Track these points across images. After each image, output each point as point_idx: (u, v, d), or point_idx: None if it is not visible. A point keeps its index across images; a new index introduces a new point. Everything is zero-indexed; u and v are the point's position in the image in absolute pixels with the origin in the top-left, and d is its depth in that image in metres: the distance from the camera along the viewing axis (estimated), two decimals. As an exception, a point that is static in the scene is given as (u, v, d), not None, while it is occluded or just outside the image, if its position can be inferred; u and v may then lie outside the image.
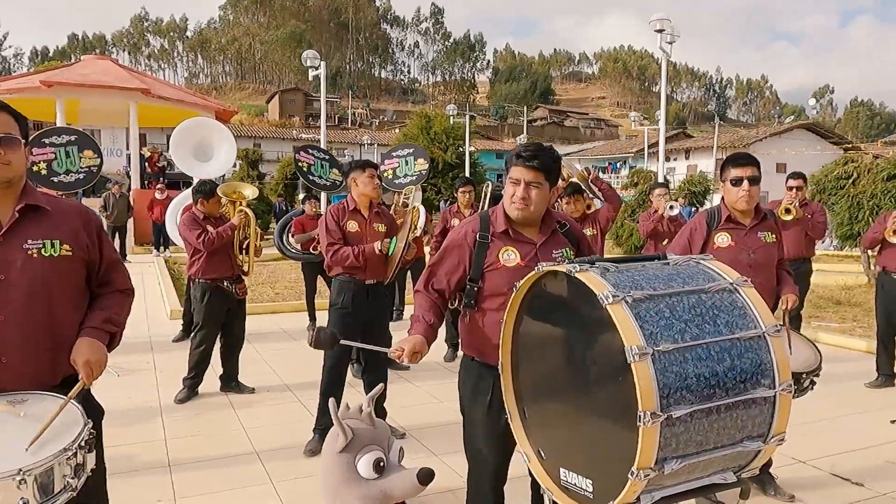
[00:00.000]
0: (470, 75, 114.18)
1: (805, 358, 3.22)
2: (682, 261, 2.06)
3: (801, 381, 3.16)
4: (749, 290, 1.95)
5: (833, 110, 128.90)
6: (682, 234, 3.39)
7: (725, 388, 1.78)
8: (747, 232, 3.32)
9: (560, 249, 2.46)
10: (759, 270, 3.28)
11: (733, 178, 3.25)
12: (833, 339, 7.33)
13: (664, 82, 11.86)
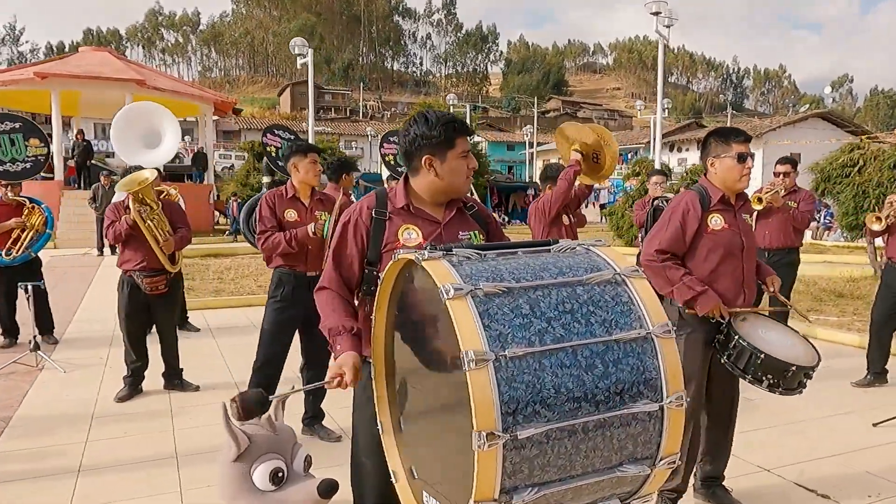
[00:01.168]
0: (483, 67, 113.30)
1: (805, 351, 2.88)
2: (567, 247, 1.73)
3: (809, 374, 2.83)
4: (639, 281, 1.62)
5: (853, 99, 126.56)
6: (672, 218, 3.00)
7: (595, 401, 1.46)
8: (736, 214, 3.03)
9: (468, 231, 2.17)
10: (749, 253, 3.04)
11: (738, 154, 2.93)
12: (827, 333, 6.95)
13: (661, 67, 11.45)
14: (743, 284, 2.97)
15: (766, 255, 5.71)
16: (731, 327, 2.83)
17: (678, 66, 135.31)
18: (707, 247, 2.93)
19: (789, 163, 5.73)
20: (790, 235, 5.66)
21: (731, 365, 2.82)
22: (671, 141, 44.11)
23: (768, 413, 4.52)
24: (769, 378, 2.72)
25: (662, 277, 2.93)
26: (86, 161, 18.14)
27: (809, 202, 5.69)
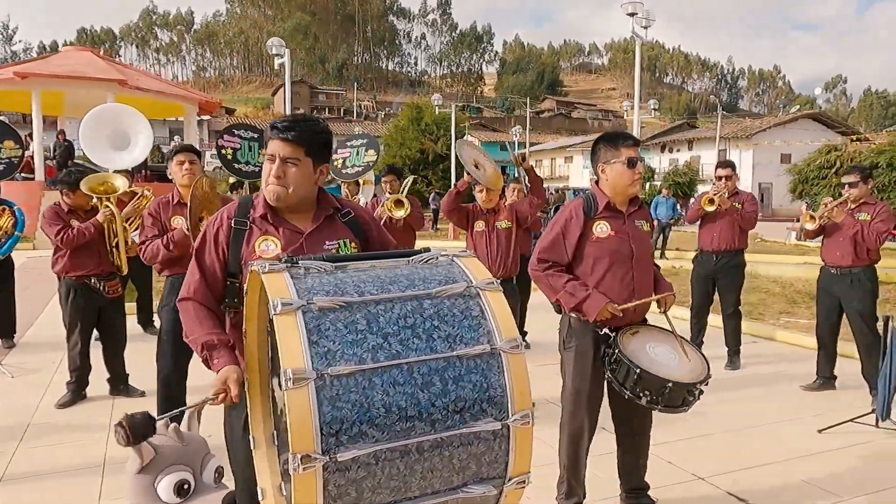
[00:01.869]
0: (477, 67, 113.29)
1: (692, 367, 2.82)
2: (430, 257, 1.68)
3: (693, 392, 2.78)
4: (494, 294, 1.57)
5: (847, 100, 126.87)
6: (554, 226, 2.99)
7: (431, 420, 1.41)
8: (625, 220, 2.96)
9: (336, 240, 2.07)
10: (640, 262, 2.96)
11: (628, 159, 2.87)
12: (787, 336, 6.91)
13: (638, 67, 11.41)
14: (633, 293, 2.90)
15: (714, 257, 5.68)
16: (616, 339, 2.77)
17: (673, 67, 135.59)
18: (593, 255, 2.88)
19: (729, 166, 5.74)
20: (737, 237, 5.65)
21: (613, 379, 2.76)
22: (662, 141, 44.17)
23: (715, 419, 4.47)
24: (647, 394, 2.66)
25: (546, 285, 2.91)
26: (67, 161, 18.02)
27: (753, 203, 5.68)
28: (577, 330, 2.93)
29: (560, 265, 2.92)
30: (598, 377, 2.89)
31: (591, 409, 2.95)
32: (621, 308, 2.82)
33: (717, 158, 38.29)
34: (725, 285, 5.73)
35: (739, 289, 5.79)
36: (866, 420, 4.15)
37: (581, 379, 2.93)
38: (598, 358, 2.89)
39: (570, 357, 2.98)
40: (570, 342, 2.97)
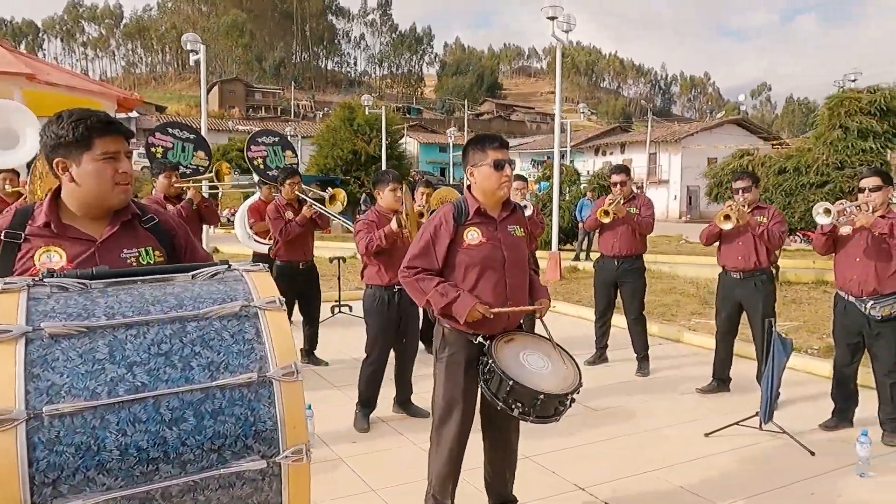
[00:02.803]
0: (417, 68, 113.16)
1: (565, 376, 2.74)
2: (216, 272, 1.51)
3: (564, 401, 2.69)
4: (275, 315, 1.41)
5: (772, 107, 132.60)
6: (424, 232, 2.87)
7: (182, 461, 1.24)
8: (497, 226, 2.86)
9: (137, 249, 1.86)
10: (513, 268, 2.86)
11: (495, 161, 2.77)
12: (693, 338, 7.00)
13: (559, 70, 11.47)
14: (507, 300, 2.82)
15: (615, 262, 5.69)
16: (490, 349, 2.67)
17: (609, 72, 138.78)
18: (464, 262, 2.78)
19: (623, 171, 5.73)
20: (636, 242, 5.66)
21: (487, 389, 2.66)
22: (596, 145, 45.05)
23: (607, 424, 4.45)
24: (519, 406, 2.58)
25: (416, 290, 2.81)
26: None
27: (649, 207, 5.69)
28: (450, 339, 2.84)
29: (430, 272, 2.82)
30: (471, 388, 2.79)
31: (462, 420, 2.85)
32: (493, 312, 2.73)
33: (648, 162, 39.46)
34: (627, 291, 5.74)
35: (642, 293, 5.80)
36: (751, 423, 4.19)
37: (453, 389, 2.82)
38: (472, 368, 2.79)
39: (441, 367, 2.87)
40: (443, 352, 2.86)
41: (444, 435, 2.86)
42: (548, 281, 11.47)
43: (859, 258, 4.14)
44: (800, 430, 4.31)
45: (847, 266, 4.21)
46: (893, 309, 4.05)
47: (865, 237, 4.12)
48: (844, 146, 10.39)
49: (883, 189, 4.09)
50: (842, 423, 4.37)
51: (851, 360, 4.29)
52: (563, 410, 2.71)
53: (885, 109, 10.32)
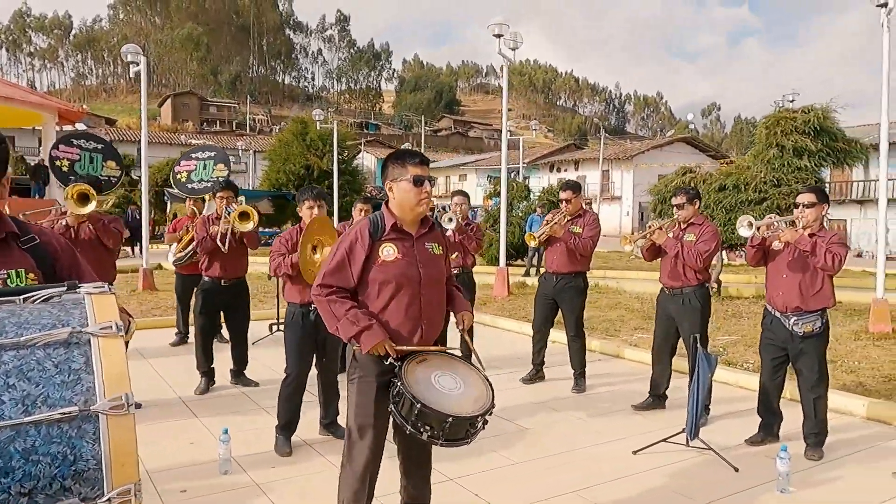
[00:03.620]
0: (376, 84, 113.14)
1: (477, 397, 2.66)
2: (54, 294, 1.39)
3: (475, 423, 2.60)
4: (110, 342, 1.29)
5: (721, 126, 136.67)
6: (339, 248, 2.77)
7: (-17, 507, 1.11)
8: (414, 243, 2.78)
9: (7, 270, 1.71)
10: (429, 286, 2.78)
11: (414, 177, 2.70)
12: (634, 353, 7.03)
13: (505, 88, 11.55)
14: (421, 320, 2.74)
15: (555, 278, 5.68)
16: (400, 370, 2.59)
17: (566, 90, 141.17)
18: (379, 280, 2.70)
19: (570, 188, 5.71)
20: (576, 261, 5.64)
21: (397, 413, 2.57)
22: (551, 161, 45.68)
23: (537, 443, 4.39)
24: (428, 429, 2.49)
25: (328, 313, 2.70)
26: None
27: (592, 228, 5.66)
28: (361, 360, 2.73)
29: (345, 290, 2.72)
30: (383, 410, 2.69)
31: (374, 444, 2.75)
32: (399, 350, 2.65)
33: (601, 179, 40.15)
34: (566, 308, 5.73)
35: (580, 311, 5.78)
36: (678, 440, 4.18)
37: (364, 412, 2.73)
38: (383, 389, 2.69)
39: (353, 388, 2.78)
40: (354, 373, 2.76)
41: (356, 458, 2.76)
42: (495, 297, 11.45)
43: (786, 274, 4.19)
44: (727, 445, 4.34)
45: (774, 281, 4.27)
46: (815, 326, 4.11)
47: (792, 253, 4.18)
48: (781, 164, 10.68)
49: (816, 206, 4.16)
50: (767, 437, 4.40)
51: (776, 375, 4.33)
52: (474, 433, 2.64)
53: (818, 129, 10.65)
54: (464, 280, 6.25)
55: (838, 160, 11.24)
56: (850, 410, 5.10)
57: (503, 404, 5.19)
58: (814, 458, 4.10)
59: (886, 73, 8.76)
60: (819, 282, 4.12)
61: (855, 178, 29.44)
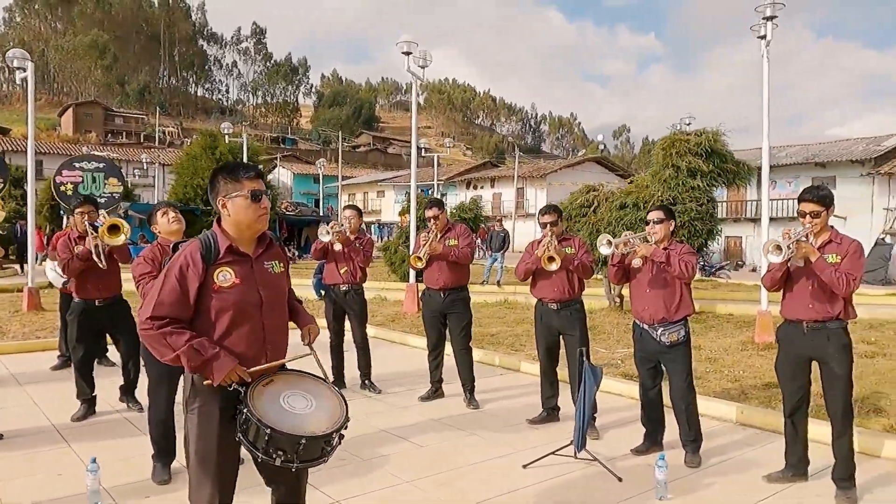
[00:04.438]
0: (293, 98, 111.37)
1: (331, 413, 2.57)
2: None
3: (330, 441, 2.51)
4: None
5: (631, 147, 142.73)
6: (168, 276, 2.49)
7: None
8: (252, 264, 2.60)
9: None
10: (271, 309, 2.61)
11: (252, 192, 2.53)
12: (536, 368, 7.10)
13: (414, 104, 11.62)
14: (265, 345, 2.60)
15: (440, 294, 5.71)
16: (246, 396, 2.44)
17: (484, 109, 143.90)
18: (216, 307, 2.49)
19: (435, 205, 5.75)
20: (459, 274, 5.71)
21: (245, 441, 2.43)
22: (468, 178, 46.30)
23: (429, 460, 4.36)
24: (281, 454, 2.38)
25: (162, 344, 2.43)
26: None
27: (467, 236, 5.76)
28: (201, 388, 2.51)
29: (180, 321, 2.46)
30: (228, 440, 2.49)
31: (221, 478, 2.54)
32: (252, 372, 2.50)
33: (516, 196, 40.99)
34: (453, 323, 5.76)
35: (468, 325, 5.82)
36: (567, 452, 4.26)
37: (207, 444, 2.50)
38: (227, 418, 2.50)
39: (192, 420, 2.54)
40: (194, 402, 2.53)
41: (201, 497, 2.53)
42: (405, 314, 11.41)
43: (648, 289, 4.38)
44: (613, 455, 4.46)
45: (639, 296, 4.45)
46: (679, 335, 4.30)
47: (651, 268, 4.38)
48: (676, 184, 11.21)
49: (665, 222, 4.38)
50: (652, 446, 4.55)
51: (653, 384, 4.50)
52: (330, 450, 2.52)
53: (710, 151, 11.26)
54: (353, 297, 6.16)
55: (728, 181, 11.90)
56: (726, 416, 5.35)
57: (398, 423, 5.15)
58: (692, 464, 4.27)
59: (766, 101, 9.40)
60: (678, 292, 4.33)
61: (749, 197, 31.36)
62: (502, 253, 17.31)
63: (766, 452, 4.55)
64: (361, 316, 6.25)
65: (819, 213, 3.76)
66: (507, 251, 17.84)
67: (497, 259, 17.31)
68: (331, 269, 6.18)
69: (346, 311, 6.24)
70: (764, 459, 4.37)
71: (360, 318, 6.24)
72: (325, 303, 6.43)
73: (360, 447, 4.53)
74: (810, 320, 3.78)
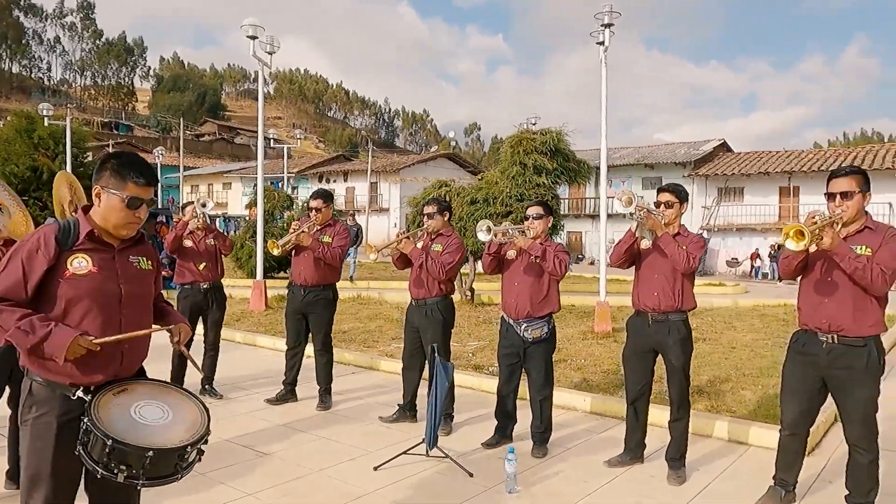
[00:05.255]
0: (129, 81, 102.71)
1: (190, 425, 2.29)
2: None
3: (185, 456, 2.23)
4: None
5: (482, 145, 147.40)
6: (13, 257, 2.25)
7: None
8: (116, 255, 2.36)
9: None
10: (132, 305, 2.37)
11: (129, 199, 2.30)
12: (390, 365, 7.02)
13: (261, 92, 11.07)
14: (121, 344, 2.35)
15: (302, 291, 5.47)
16: (89, 405, 2.19)
17: (337, 102, 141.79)
18: (67, 296, 2.26)
19: (321, 197, 5.57)
20: (324, 272, 5.50)
21: (86, 456, 2.16)
22: (320, 172, 45.29)
23: (277, 468, 4.10)
24: (125, 469, 2.12)
25: None
26: None
27: (343, 236, 5.58)
28: (39, 395, 2.25)
29: (14, 303, 2.22)
30: (68, 456, 2.21)
31: (56, 498, 2.25)
32: (99, 343, 2.22)
33: (369, 191, 40.74)
34: (315, 321, 5.53)
35: (328, 324, 5.61)
36: (419, 450, 4.19)
37: (40, 459, 2.22)
38: (68, 431, 2.22)
39: (26, 432, 2.26)
40: (29, 412, 2.25)
41: None
42: (252, 311, 10.85)
43: (518, 282, 4.43)
44: (465, 450, 4.45)
45: (507, 289, 4.49)
46: (542, 332, 4.39)
47: (524, 262, 4.43)
48: (523, 181, 11.63)
49: (543, 218, 4.46)
50: (502, 439, 4.61)
51: (512, 380, 4.56)
52: (186, 467, 2.27)
53: (554, 150, 11.80)
54: (215, 296, 5.81)
55: (571, 178, 12.55)
56: (570, 405, 5.58)
57: (243, 430, 4.82)
58: (539, 455, 4.37)
59: (605, 103, 9.98)
60: (545, 288, 4.41)
61: (588, 195, 33.50)
62: (355, 248, 17.05)
63: (607, 438, 4.78)
64: (221, 315, 5.92)
65: (672, 203, 4.00)
66: (361, 246, 17.62)
67: (350, 254, 17.03)
68: (187, 266, 5.71)
69: (202, 311, 5.78)
70: (606, 445, 4.58)
71: (219, 317, 5.88)
72: (180, 303, 5.78)
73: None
74: (657, 309, 3.97)
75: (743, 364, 7.21)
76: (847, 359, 3.27)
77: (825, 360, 3.32)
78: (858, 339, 3.25)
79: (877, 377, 3.31)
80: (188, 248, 5.73)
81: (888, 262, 3.13)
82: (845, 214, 3.22)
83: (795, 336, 3.53)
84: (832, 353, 3.30)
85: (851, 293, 3.23)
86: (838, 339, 3.28)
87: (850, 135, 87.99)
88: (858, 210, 3.26)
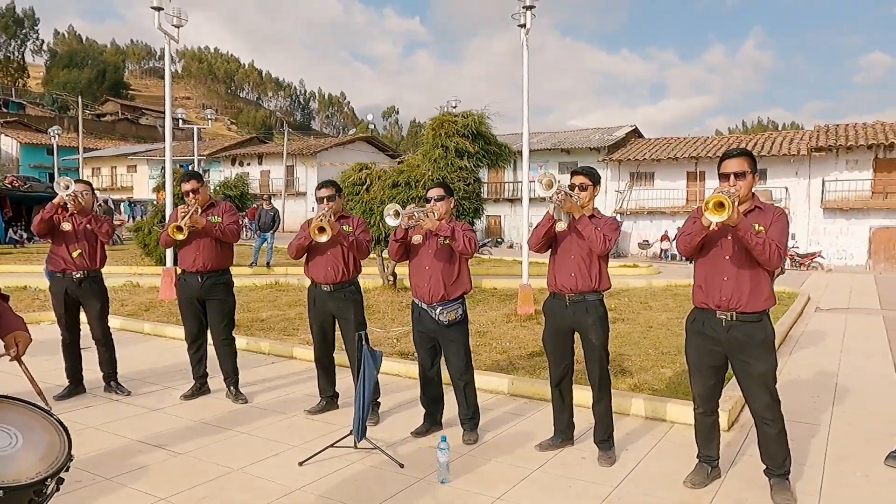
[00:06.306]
0: (19, 55, 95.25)
1: (46, 452, 1.98)
2: None
3: (43, 489, 1.92)
4: None
5: (400, 128, 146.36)
6: None
7: None
8: None
9: None
10: None
11: None
12: (308, 353, 6.75)
13: (168, 68, 10.40)
14: None
15: (198, 278, 5.13)
16: None
17: (249, 83, 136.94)
18: None
19: (193, 178, 5.17)
20: (221, 256, 5.19)
21: None
22: (233, 154, 43.67)
23: (192, 468, 3.82)
24: None
25: None
26: None
27: (232, 213, 5.29)
28: None
29: None
30: None
31: None
32: None
33: (285, 174, 39.63)
34: (215, 308, 5.18)
35: (230, 313, 5.28)
36: (346, 443, 4.01)
37: None
38: None
39: None
40: None
41: None
42: (162, 301, 10.25)
43: (428, 266, 4.29)
44: (394, 440, 4.31)
45: (417, 274, 4.34)
46: (457, 314, 4.28)
47: (432, 246, 4.29)
48: (446, 163, 11.49)
49: (445, 199, 4.33)
50: (432, 426, 4.50)
51: (432, 364, 4.44)
52: (44, 500, 1.95)
53: (476, 133, 11.72)
54: (90, 286, 5.26)
55: (492, 162, 12.52)
56: (498, 389, 5.53)
57: (152, 430, 4.47)
58: (470, 441, 4.28)
59: (526, 87, 9.98)
60: (457, 269, 4.31)
61: (507, 179, 33.86)
62: (272, 233, 16.49)
63: (536, 421, 4.75)
64: (102, 307, 5.33)
65: (586, 185, 4.00)
66: (277, 231, 17.05)
67: (266, 239, 16.45)
68: (60, 252, 5.18)
69: (80, 302, 5.28)
70: (535, 429, 4.54)
71: (99, 310, 5.32)
72: (53, 294, 5.32)
73: (103, 463, 3.83)
74: (574, 290, 3.95)
75: (660, 342, 7.40)
76: (745, 333, 3.38)
77: (724, 337, 3.42)
78: (755, 315, 3.37)
79: (773, 349, 3.47)
80: (66, 231, 5.19)
81: (780, 238, 3.28)
82: (740, 193, 3.31)
83: (692, 315, 3.60)
84: (731, 329, 3.40)
85: (749, 270, 3.35)
86: (736, 316, 3.37)
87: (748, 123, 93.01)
88: (749, 190, 3.38)
